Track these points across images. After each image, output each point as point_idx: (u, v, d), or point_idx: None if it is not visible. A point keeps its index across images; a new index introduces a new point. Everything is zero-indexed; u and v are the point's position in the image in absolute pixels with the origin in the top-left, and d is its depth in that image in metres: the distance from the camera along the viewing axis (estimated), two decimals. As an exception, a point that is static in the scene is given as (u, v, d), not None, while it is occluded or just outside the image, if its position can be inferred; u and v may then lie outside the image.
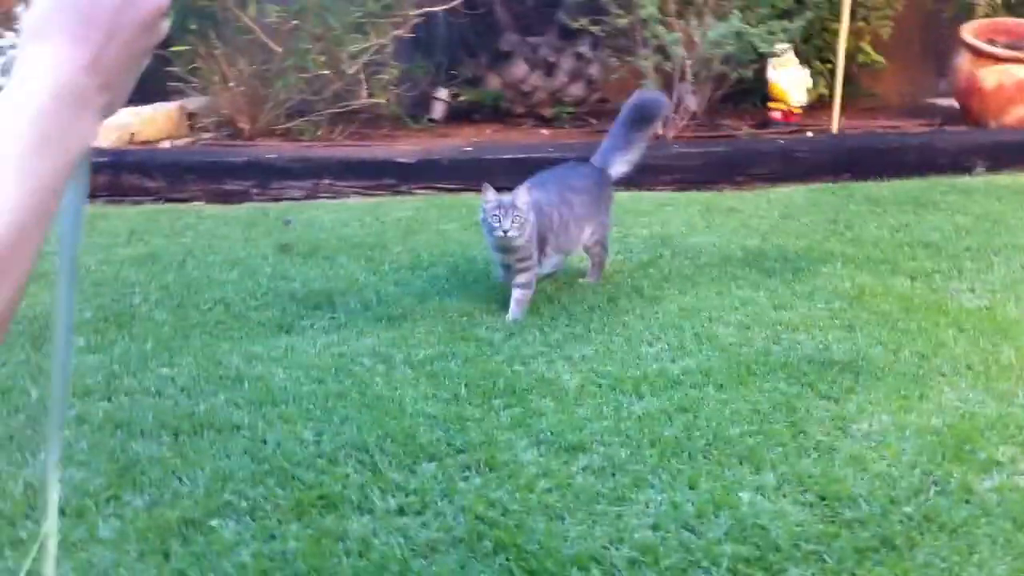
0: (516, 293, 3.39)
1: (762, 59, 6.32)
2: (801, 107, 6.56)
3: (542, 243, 3.43)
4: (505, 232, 3.24)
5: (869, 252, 4.05)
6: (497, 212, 3.25)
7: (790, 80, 6.44)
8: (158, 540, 2.06)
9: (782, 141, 5.94)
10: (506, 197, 3.28)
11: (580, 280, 3.72)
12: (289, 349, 3.11)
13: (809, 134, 6.20)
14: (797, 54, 6.51)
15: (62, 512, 2.15)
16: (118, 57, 0.81)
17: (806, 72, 6.54)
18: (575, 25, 6.41)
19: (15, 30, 6.24)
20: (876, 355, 2.96)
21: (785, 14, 6.22)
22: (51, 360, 0.87)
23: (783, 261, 3.95)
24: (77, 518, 2.14)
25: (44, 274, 3.85)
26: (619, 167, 3.75)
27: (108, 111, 0.83)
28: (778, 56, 6.28)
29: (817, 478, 2.23)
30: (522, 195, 3.28)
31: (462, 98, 7.17)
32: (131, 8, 0.81)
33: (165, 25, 0.85)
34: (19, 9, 6.44)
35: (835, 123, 6.20)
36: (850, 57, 6.62)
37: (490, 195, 3.29)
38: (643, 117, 3.79)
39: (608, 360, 2.97)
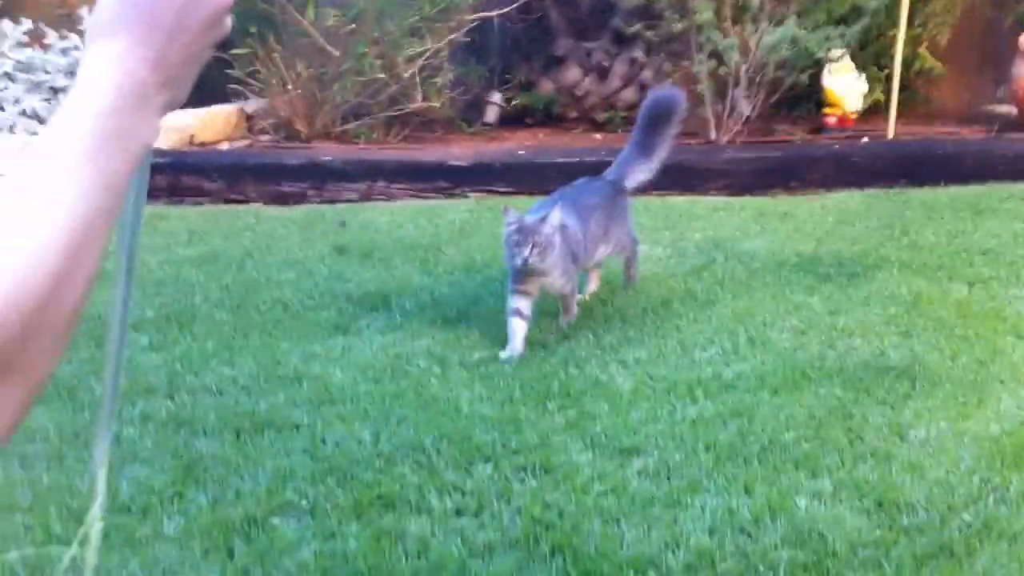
0: (562, 300, 3.35)
1: (818, 64, 6.28)
2: (856, 113, 6.50)
3: (574, 258, 3.33)
4: (525, 261, 3.08)
5: (926, 258, 4.02)
6: (517, 237, 3.09)
7: (845, 86, 6.39)
8: (221, 538, 2.10)
9: (837, 146, 5.90)
10: (529, 220, 3.14)
11: (623, 284, 3.76)
12: (346, 349, 3.16)
13: (865, 140, 6.14)
14: (853, 59, 6.46)
15: (128, 509, 2.21)
16: (180, 55, 0.82)
17: (862, 78, 6.48)
18: (629, 30, 6.41)
19: (80, 31, 6.37)
20: (933, 361, 2.94)
21: (842, 20, 6.18)
22: (106, 350, 0.89)
23: (838, 266, 3.92)
24: (142, 515, 2.20)
25: (106, 273, 3.95)
26: (638, 176, 3.71)
27: (169, 107, 0.83)
28: (834, 62, 6.23)
29: (874, 484, 2.22)
30: (551, 218, 3.15)
31: (515, 102, 7.20)
32: (196, 7, 0.82)
33: (228, 21, 0.86)
34: (83, 11, 6.58)
35: (891, 129, 6.14)
36: (907, 63, 6.56)
37: (511, 217, 3.15)
38: (659, 116, 3.72)
39: (662, 364, 2.98)
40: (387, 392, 2.81)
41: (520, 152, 6.00)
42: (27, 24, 6.24)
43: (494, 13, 6.93)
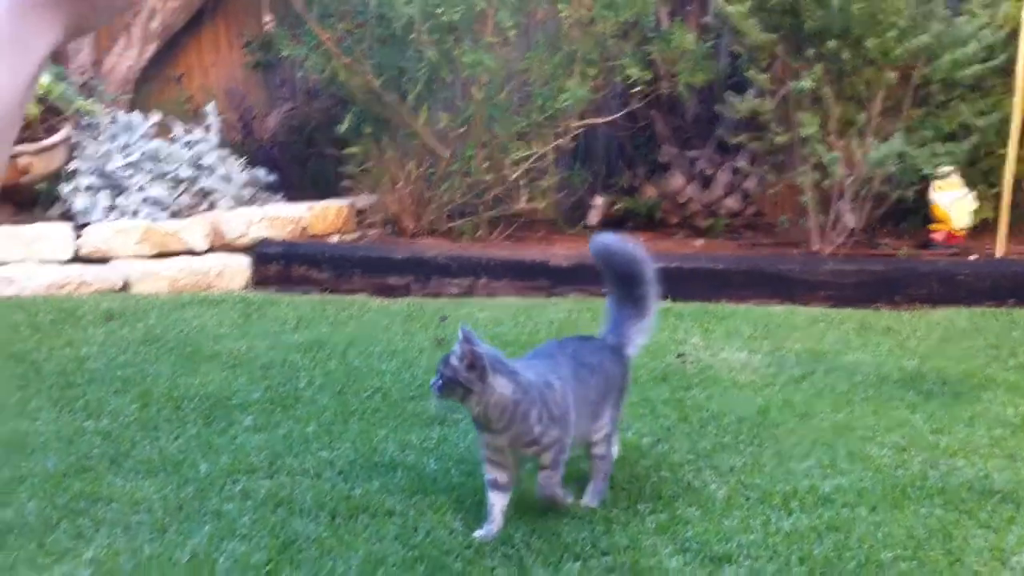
0: (541, 476, 2.63)
1: (925, 180, 6.24)
2: (965, 230, 6.42)
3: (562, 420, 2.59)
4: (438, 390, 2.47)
5: (1034, 381, 3.93)
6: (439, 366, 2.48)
7: (953, 202, 6.33)
8: (313, 616, 2.14)
9: (944, 263, 5.82)
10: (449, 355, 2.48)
11: (580, 503, 2.73)
12: (442, 440, 3.20)
13: (973, 257, 6.05)
14: (962, 176, 6.41)
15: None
16: None
17: (971, 195, 6.42)
18: (733, 141, 6.48)
19: (206, 127, 6.70)
20: (1039, 487, 2.86)
21: (950, 137, 6.16)
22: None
23: (942, 385, 3.86)
24: (238, 589, 2.25)
25: (216, 355, 4.09)
26: (637, 340, 2.93)
27: (75, 28, 0.78)
28: (942, 178, 6.19)
29: (974, 609, 2.16)
30: (463, 349, 2.45)
31: (618, 206, 7.29)
32: None
33: None
34: (209, 107, 6.92)
35: (1000, 247, 6.04)
36: (1017, 182, 6.47)
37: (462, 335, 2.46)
38: (617, 273, 2.97)
39: (757, 473, 2.95)
40: (479, 485, 2.82)
41: (621, 256, 6.05)
42: (155, 117, 6.59)
43: (600, 120, 7.09)
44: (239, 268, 5.88)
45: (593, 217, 7.29)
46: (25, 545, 2.44)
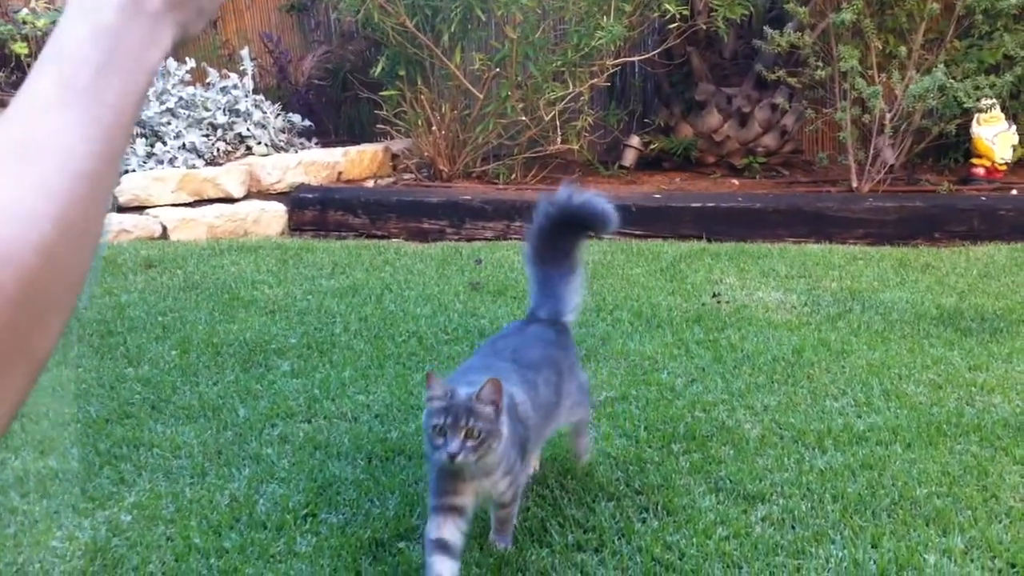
0: (499, 512, 2.21)
1: (966, 114, 6.13)
2: (1006, 164, 6.31)
3: (522, 447, 2.18)
4: (452, 456, 1.93)
5: (1076, 316, 3.88)
6: (442, 420, 1.96)
7: (995, 136, 6.22)
8: (350, 558, 2.18)
9: (984, 198, 5.73)
10: (463, 394, 1.98)
11: (578, 462, 2.62)
12: (477, 384, 3.22)
13: (1014, 192, 5.95)
14: (1004, 110, 6.28)
15: (264, 525, 2.31)
16: None
17: (1013, 128, 6.30)
18: (772, 76, 6.39)
19: (240, 71, 6.69)
20: (1078, 424, 2.83)
21: (993, 69, 6.03)
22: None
23: (980, 321, 3.82)
24: (276, 532, 2.29)
25: (254, 301, 4.14)
26: (574, 299, 2.55)
27: (183, 33, 0.72)
28: (984, 112, 6.08)
29: (1008, 545, 2.16)
30: (490, 392, 1.97)
31: (653, 146, 7.23)
32: None
33: None
34: (244, 51, 6.91)
35: (1044, 181, 5.94)
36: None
37: (436, 389, 2.00)
38: (580, 226, 2.53)
39: (791, 412, 2.95)
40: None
41: (656, 196, 6.02)
42: (190, 63, 6.60)
43: (636, 58, 7.01)
44: (275, 214, 5.92)
45: (628, 158, 7.25)
46: (69, 490, 2.51)
